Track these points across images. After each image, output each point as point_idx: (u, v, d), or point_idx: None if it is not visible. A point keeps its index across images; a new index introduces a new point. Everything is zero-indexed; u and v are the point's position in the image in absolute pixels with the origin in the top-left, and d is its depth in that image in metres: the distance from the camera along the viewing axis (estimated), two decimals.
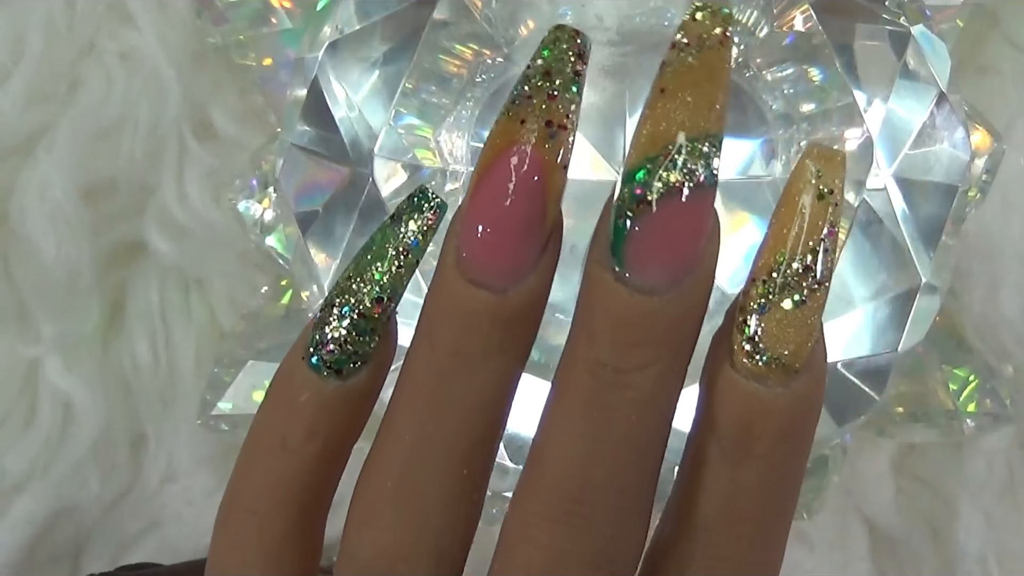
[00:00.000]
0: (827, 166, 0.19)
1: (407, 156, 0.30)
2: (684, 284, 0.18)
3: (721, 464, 0.19)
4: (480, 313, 0.19)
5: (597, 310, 0.19)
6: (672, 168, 0.18)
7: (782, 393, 0.19)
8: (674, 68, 0.18)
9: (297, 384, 0.20)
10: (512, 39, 0.31)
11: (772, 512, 0.20)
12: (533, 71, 0.19)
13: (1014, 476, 0.36)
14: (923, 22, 0.30)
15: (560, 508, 0.19)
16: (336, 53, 0.30)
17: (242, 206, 0.33)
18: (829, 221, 0.19)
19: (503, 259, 0.19)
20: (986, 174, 0.32)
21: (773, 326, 0.19)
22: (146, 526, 0.37)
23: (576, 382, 0.19)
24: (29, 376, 0.36)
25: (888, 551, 0.37)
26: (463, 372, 0.19)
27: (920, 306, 0.30)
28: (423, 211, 0.20)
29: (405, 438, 0.20)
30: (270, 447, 0.21)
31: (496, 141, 0.18)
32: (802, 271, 0.18)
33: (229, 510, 0.21)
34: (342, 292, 0.20)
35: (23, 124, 0.34)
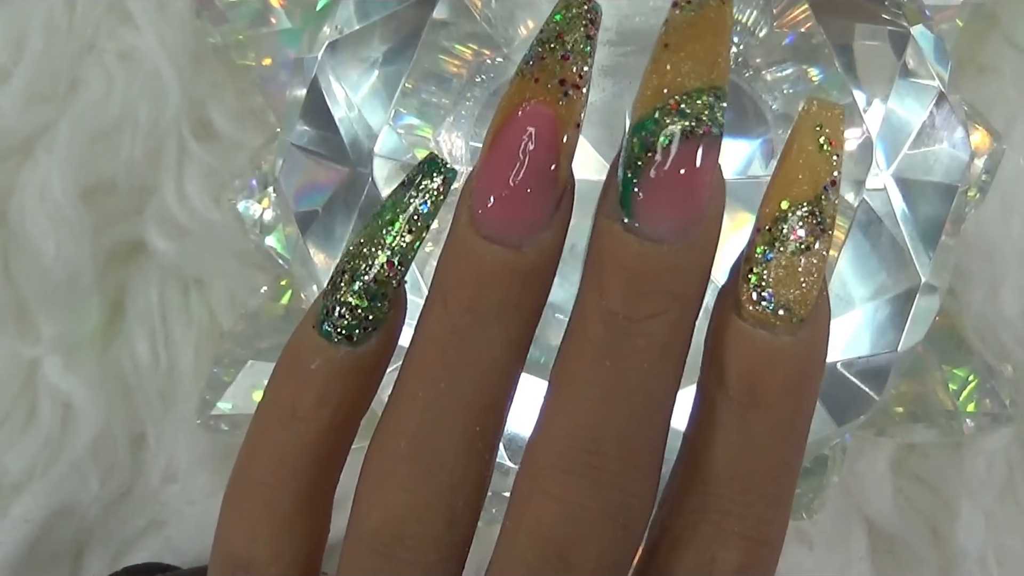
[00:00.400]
0: (827, 118, 0.19)
1: (407, 156, 0.30)
2: (692, 235, 0.19)
3: (730, 415, 0.20)
4: (496, 268, 0.19)
5: (607, 261, 0.19)
6: (679, 117, 0.18)
7: (789, 341, 0.19)
8: (677, 24, 0.19)
9: (308, 352, 0.20)
10: (512, 39, 0.31)
11: (780, 465, 0.20)
12: (546, 34, 0.19)
13: (1014, 476, 0.36)
14: (923, 22, 0.30)
15: (574, 459, 0.19)
16: (336, 53, 0.30)
17: (242, 206, 0.33)
18: (831, 170, 0.19)
19: (518, 214, 0.19)
20: (986, 174, 0.32)
21: (779, 272, 0.19)
22: (146, 525, 0.37)
23: (588, 332, 0.19)
24: (29, 376, 0.36)
25: (888, 551, 0.37)
26: (478, 328, 0.19)
27: (920, 306, 0.30)
28: (433, 177, 0.20)
29: (418, 396, 0.20)
30: (280, 417, 0.21)
31: (510, 99, 0.19)
32: (807, 216, 0.19)
33: (237, 484, 0.21)
34: (353, 257, 0.20)
35: (23, 124, 0.34)
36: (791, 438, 0.20)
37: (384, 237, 0.20)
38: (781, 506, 0.20)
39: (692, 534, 0.20)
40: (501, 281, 0.19)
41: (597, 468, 0.19)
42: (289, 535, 0.21)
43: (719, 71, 0.18)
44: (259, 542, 0.21)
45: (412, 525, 0.20)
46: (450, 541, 0.20)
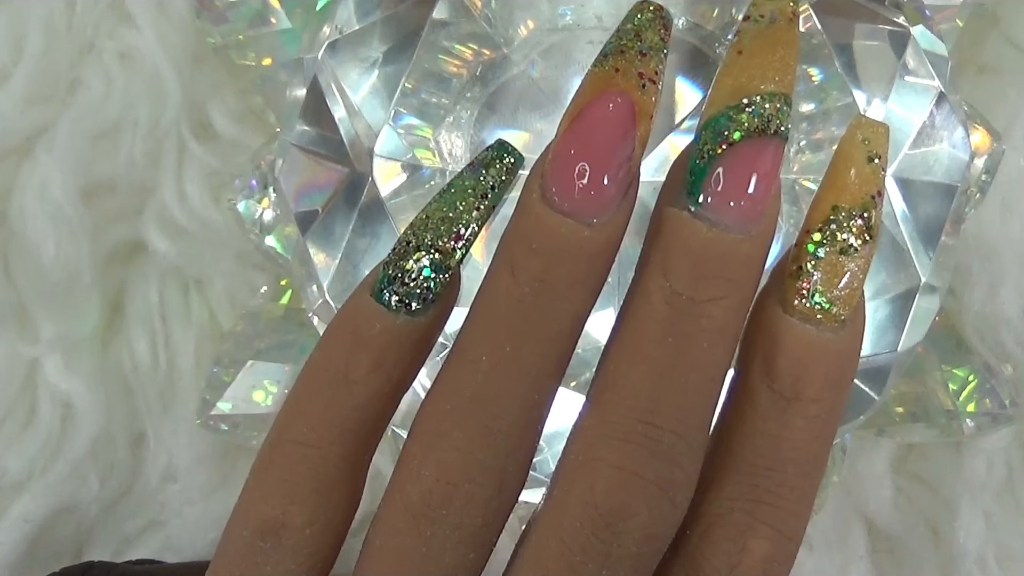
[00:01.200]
0: (873, 135, 0.20)
1: (407, 156, 0.30)
2: (754, 228, 0.19)
3: (771, 406, 0.20)
4: (569, 243, 0.20)
5: (675, 245, 0.20)
6: (752, 115, 0.19)
7: (832, 338, 0.20)
8: (749, 34, 0.20)
9: (365, 317, 0.21)
10: (512, 39, 0.31)
11: (812, 460, 0.21)
12: (624, 31, 0.20)
13: (1014, 476, 0.36)
14: (923, 22, 0.30)
15: (631, 428, 0.20)
16: (336, 53, 0.30)
17: (242, 206, 0.33)
18: (878, 182, 0.20)
19: (595, 192, 0.19)
20: (986, 174, 0.32)
21: (828, 273, 0.20)
22: (146, 525, 0.37)
23: (652, 311, 0.20)
24: (29, 376, 0.36)
25: (888, 551, 0.37)
26: (546, 299, 0.20)
27: (920, 306, 0.30)
28: (504, 159, 0.21)
29: (481, 359, 0.20)
30: (331, 379, 0.21)
31: (591, 85, 0.20)
32: (857, 221, 0.20)
33: (275, 446, 0.21)
34: (419, 229, 0.21)
35: (23, 124, 0.34)
36: (824, 434, 0.21)
37: (451, 212, 0.21)
38: (808, 502, 0.21)
39: (724, 521, 0.21)
40: (573, 255, 0.20)
41: (654, 440, 0.20)
42: (329, 499, 0.21)
43: (787, 80, 0.19)
44: (296, 504, 0.21)
45: (465, 486, 0.20)
46: (497, 508, 0.20)
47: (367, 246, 0.30)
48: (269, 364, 0.34)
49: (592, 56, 0.20)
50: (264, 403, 0.34)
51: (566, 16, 0.31)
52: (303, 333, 0.34)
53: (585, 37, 0.31)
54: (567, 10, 0.31)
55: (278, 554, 0.21)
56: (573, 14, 0.31)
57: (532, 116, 0.31)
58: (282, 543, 0.21)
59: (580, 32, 0.31)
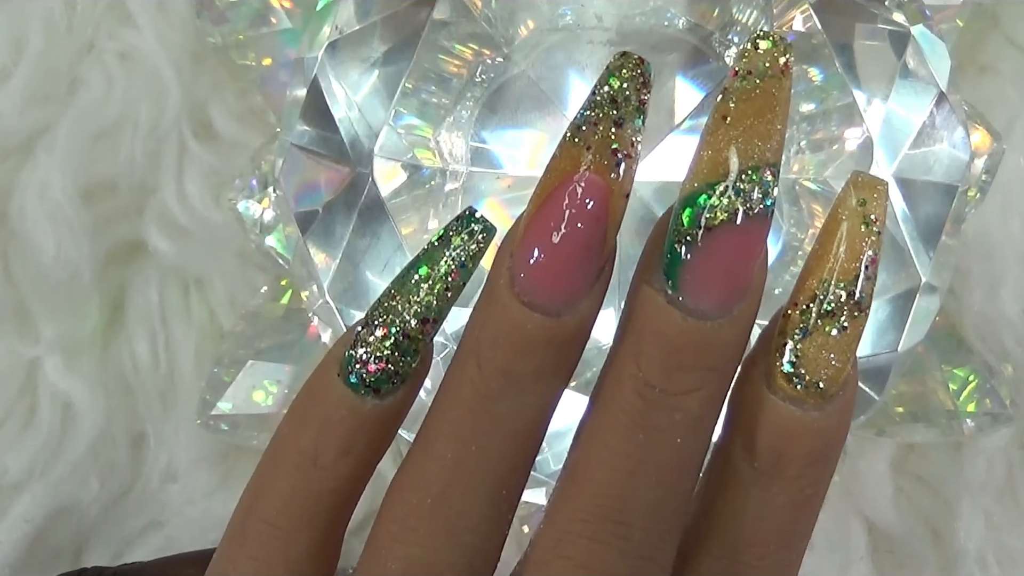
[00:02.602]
0: (870, 195, 0.19)
1: (407, 156, 0.30)
2: (734, 310, 0.18)
3: (752, 484, 0.20)
4: (535, 336, 0.19)
5: (648, 332, 0.19)
6: (733, 196, 0.18)
7: (817, 416, 0.19)
8: (736, 97, 0.18)
9: (333, 401, 0.20)
10: (512, 39, 0.31)
11: (795, 532, 0.20)
12: (600, 97, 0.18)
13: (1014, 476, 0.36)
14: (923, 22, 0.30)
15: (599, 527, 0.19)
16: (336, 53, 0.30)
17: (242, 206, 0.33)
18: (871, 249, 0.19)
19: (562, 284, 0.19)
20: (986, 174, 0.32)
21: (813, 351, 0.19)
22: (146, 525, 0.37)
23: (623, 401, 0.19)
24: (29, 376, 0.36)
25: (888, 551, 0.37)
26: (512, 393, 0.19)
27: (920, 306, 0.30)
28: (472, 234, 0.20)
29: (447, 456, 0.20)
30: (299, 462, 0.20)
31: (560, 164, 0.18)
32: (844, 297, 0.19)
33: (248, 522, 0.21)
34: (385, 312, 0.20)
35: (23, 124, 0.34)
36: (809, 506, 0.20)
37: (418, 292, 0.20)
38: (792, 570, 0.21)
39: None
40: (539, 349, 0.19)
41: (623, 538, 0.19)
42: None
43: (775, 147, 0.18)
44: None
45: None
46: None
47: (367, 246, 0.30)
48: (269, 364, 0.34)
49: (592, 56, 0.20)
50: (264, 403, 0.34)
51: (566, 16, 0.31)
52: (303, 333, 0.34)
53: (585, 37, 0.31)
54: (567, 10, 0.31)
55: None
56: (573, 14, 0.31)
57: (532, 116, 0.31)
58: None
59: (580, 32, 0.31)
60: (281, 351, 0.34)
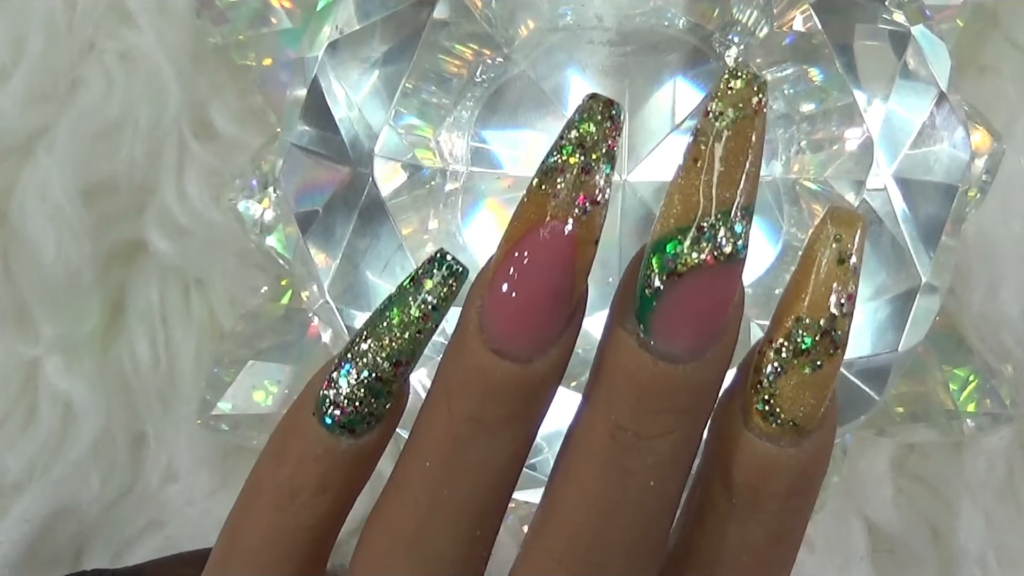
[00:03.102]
0: (847, 230, 0.18)
1: (407, 156, 0.30)
2: (708, 353, 0.18)
3: (729, 519, 0.20)
4: (504, 383, 0.19)
5: (619, 375, 0.19)
6: (705, 241, 0.17)
7: (794, 453, 0.19)
8: (708, 139, 0.18)
9: (309, 440, 0.20)
10: (512, 39, 0.31)
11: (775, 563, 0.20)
12: (567, 142, 0.18)
13: (1014, 476, 0.36)
14: (923, 22, 0.30)
15: (573, 566, 0.19)
16: (336, 53, 0.30)
17: (242, 206, 0.33)
18: (848, 285, 0.18)
19: (530, 331, 0.19)
20: (986, 174, 0.32)
21: (789, 390, 0.19)
22: (147, 525, 0.37)
23: (595, 444, 0.19)
24: (29, 376, 0.36)
25: (888, 551, 0.37)
26: (482, 439, 0.19)
27: (920, 306, 0.30)
28: (445, 277, 0.20)
29: (420, 500, 0.20)
30: (276, 500, 0.21)
31: (527, 213, 0.18)
32: (820, 336, 0.18)
33: (227, 555, 0.21)
34: (358, 355, 0.20)
35: (23, 124, 0.34)
36: (788, 539, 0.20)
37: (390, 335, 0.20)
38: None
39: None
40: (509, 395, 0.19)
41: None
42: None
43: (749, 189, 0.18)
44: None
45: None
46: None
47: (367, 246, 0.30)
48: (269, 364, 0.34)
49: (592, 56, 0.19)
50: (264, 403, 0.34)
51: (566, 16, 0.31)
52: (303, 333, 0.34)
53: (585, 37, 0.31)
54: (567, 10, 0.31)
55: None
56: (573, 14, 0.31)
57: (532, 116, 0.31)
58: None
59: (580, 32, 0.31)
60: (281, 351, 0.34)
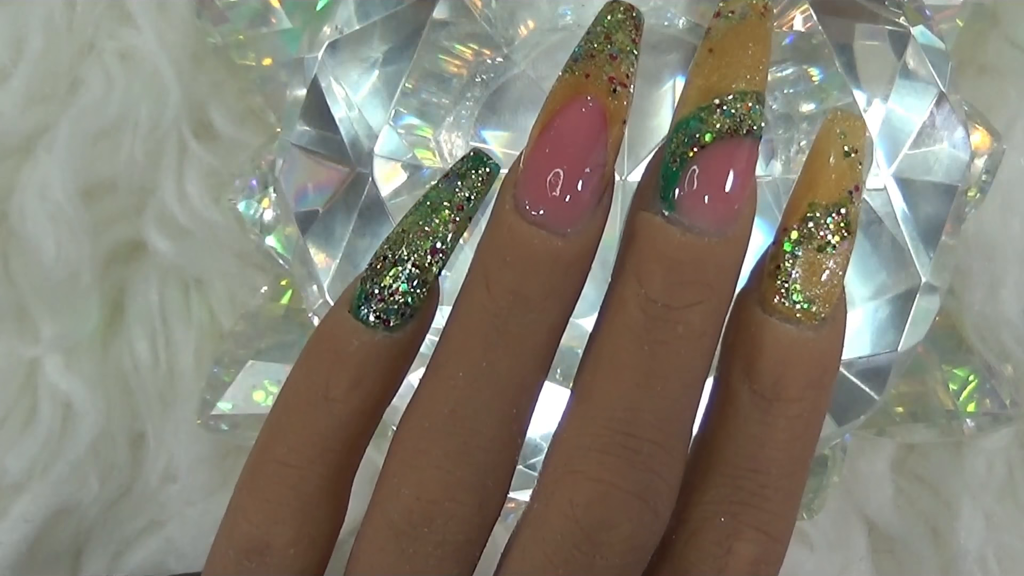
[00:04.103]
0: (850, 129, 0.20)
1: (407, 156, 0.30)
2: (729, 230, 0.19)
3: (753, 408, 0.20)
4: (542, 253, 0.19)
5: (648, 251, 0.19)
6: (723, 115, 0.19)
7: (813, 337, 0.20)
8: (720, 31, 0.19)
9: (343, 335, 0.21)
10: (512, 39, 0.31)
11: (796, 460, 0.20)
12: (594, 34, 0.20)
13: (1014, 476, 0.36)
14: (923, 22, 0.30)
15: (610, 439, 0.19)
16: (336, 53, 0.30)
17: (242, 206, 0.33)
18: (855, 176, 0.20)
19: (566, 200, 0.19)
20: (986, 174, 0.32)
21: (806, 269, 0.20)
22: (147, 526, 0.37)
23: (627, 319, 0.19)
24: (29, 376, 0.36)
25: (888, 551, 0.37)
26: (520, 311, 0.20)
27: (920, 306, 0.30)
28: (479, 170, 0.21)
29: (458, 375, 0.20)
30: (310, 398, 0.21)
31: (561, 91, 0.19)
32: (834, 217, 0.20)
33: (257, 467, 0.21)
34: (395, 244, 0.21)
35: (23, 124, 0.34)
36: (808, 434, 0.20)
37: (428, 225, 0.20)
38: (793, 503, 0.21)
39: (709, 525, 0.20)
40: (546, 267, 0.20)
41: (633, 450, 0.19)
42: (312, 518, 0.21)
43: (760, 77, 0.19)
44: (280, 524, 0.21)
45: (445, 504, 0.20)
46: (479, 523, 0.20)
47: (367, 246, 0.30)
48: (269, 364, 0.34)
49: None
50: (264, 403, 0.34)
51: (566, 16, 0.31)
52: (303, 333, 0.34)
53: None
54: (567, 10, 0.31)
55: (264, 574, 0.21)
56: (573, 14, 0.31)
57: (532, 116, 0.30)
58: (267, 563, 0.21)
59: (580, 32, 0.31)
60: (281, 351, 0.34)
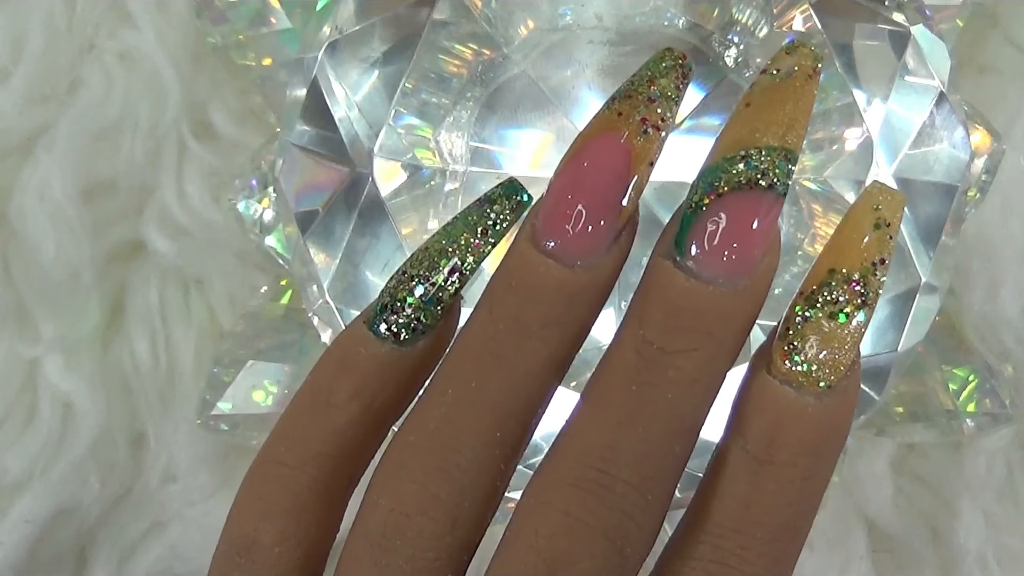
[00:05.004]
0: (887, 203, 0.20)
1: (407, 156, 0.30)
2: (740, 284, 0.19)
3: (742, 467, 0.20)
4: (546, 282, 0.19)
5: (652, 293, 0.19)
6: (746, 167, 0.19)
7: (813, 403, 0.19)
8: (762, 87, 0.19)
9: (353, 344, 0.21)
10: (512, 39, 0.31)
11: (784, 526, 0.20)
12: (638, 77, 0.20)
13: (1014, 476, 0.36)
14: (923, 22, 0.30)
15: (582, 474, 0.19)
16: (336, 53, 0.30)
17: (242, 206, 0.33)
18: (884, 249, 0.19)
19: (579, 235, 0.19)
20: (986, 174, 0.32)
21: (814, 334, 0.19)
22: (147, 526, 0.37)
23: (621, 358, 0.20)
24: (29, 376, 0.36)
25: (888, 551, 0.37)
26: (516, 337, 0.20)
27: (920, 306, 0.30)
28: (510, 198, 0.21)
29: (447, 393, 0.20)
30: (314, 401, 0.21)
31: (592, 129, 0.20)
32: (854, 287, 0.19)
33: (258, 465, 0.21)
34: (418, 261, 0.21)
35: (23, 124, 0.34)
36: (800, 501, 0.20)
37: (451, 247, 0.21)
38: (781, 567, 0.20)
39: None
40: (549, 296, 0.20)
41: (605, 488, 0.19)
42: (298, 519, 0.21)
43: (795, 136, 0.19)
44: (267, 521, 0.21)
45: (416, 518, 0.20)
46: (451, 543, 0.20)
47: (367, 246, 0.30)
48: (269, 364, 0.34)
49: (592, 56, 0.20)
50: (264, 403, 0.34)
51: (566, 16, 0.31)
52: (303, 333, 0.34)
53: (585, 37, 0.31)
54: (567, 10, 0.31)
55: (250, 570, 0.21)
56: (573, 14, 0.31)
57: (532, 116, 0.31)
58: (254, 559, 0.21)
59: (580, 32, 0.31)
60: (281, 351, 0.34)
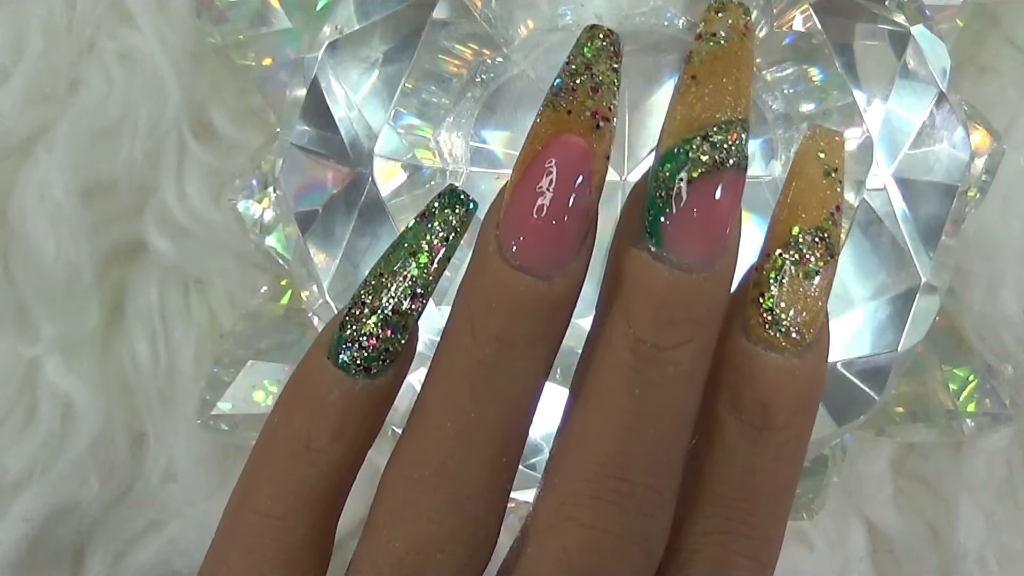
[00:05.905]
0: (829, 146, 0.20)
1: (407, 156, 0.30)
2: (717, 264, 0.19)
3: (740, 437, 0.20)
4: (528, 300, 0.19)
5: (636, 290, 0.19)
6: (708, 149, 0.18)
7: (798, 364, 0.19)
8: (702, 57, 0.19)
9: (324, 383, 0.20)
10: (512, 39, 0.31)
11: (783, 487, 0.20)
12: (575, 65, 0.19)
13: (1014, 476, 0.36)
14: (923, 22, 0.30)
15: (602, 485, 0.19)
16: (336, 53, 0.30)
17: (242, 206, 0.33)
18: (836, 197, 0.19)
19: (551, 245, 0.19)
20: (986, 174, 0.32)
21: (791, 296, 0.19)
22: (147, 525, 0.37)
23: (616, 360, 0.19)
24: (29, 376, 0.36)
25: (888, 551, 0.37)
26: (508, 359, 0.19)
27: (920, 306, 0.30)
28: (456, 209, 0.20)
29: (446, 425, 0.20)
30: (292, 448, 0.20)
31: (542, 130, 0.19)
32: (817, 242, 0.19)
33: (240, 514, 0.21)
34: (374, 289, 0.20)
35: (23, 124, 0.34)
36: (795, 459, 0.20)
37: (405, 268, 0.20)
38: (780, 527, 0.21)
39: (700, 557, 0.20)
40: (533, 312, 0.19)
41: (626, 495, 0.19)
42: (295, 569, 0.21)
43: (744, 103, 0.19)
44: None
45: (435, 556, 0.20)
46: (470, 572, 0.20)
47: (367, 246, 0.30)
48: (269, 364, 0.34)
49: None
50: (264, 403, 0.34)
51: (566, 16, 0.31)
52: (303, 333, 0.34)
53: None
54: (567, 10, 0.31)
55: None
56: (573, 14, 0.31)
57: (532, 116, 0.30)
58: None
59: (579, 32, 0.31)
60: (281, 351, 0.34)
